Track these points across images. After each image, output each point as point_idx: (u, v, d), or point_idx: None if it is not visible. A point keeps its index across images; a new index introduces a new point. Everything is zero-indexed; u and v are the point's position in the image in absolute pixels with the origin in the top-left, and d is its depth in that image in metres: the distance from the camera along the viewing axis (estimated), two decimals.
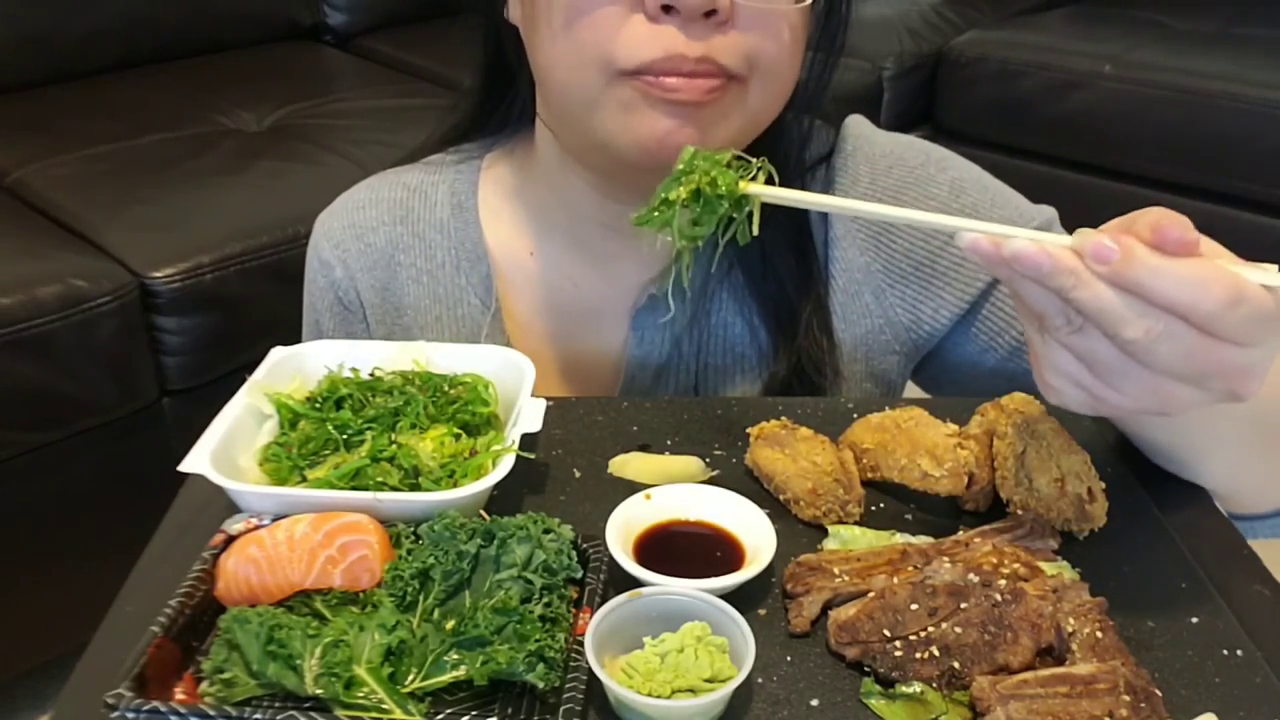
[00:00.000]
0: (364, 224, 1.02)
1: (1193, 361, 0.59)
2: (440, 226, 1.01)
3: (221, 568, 0.66)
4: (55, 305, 1.62)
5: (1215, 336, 0.58)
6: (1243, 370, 0.60)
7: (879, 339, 0.99)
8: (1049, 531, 0.73)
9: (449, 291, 1.01)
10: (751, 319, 0.97)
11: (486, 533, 0.66)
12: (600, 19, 0.77)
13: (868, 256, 0.97)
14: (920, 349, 1.01)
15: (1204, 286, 0.57)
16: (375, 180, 1.05)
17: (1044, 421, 0.77)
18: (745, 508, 0.73)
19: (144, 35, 2.52)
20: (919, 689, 0.61)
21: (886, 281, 0.97)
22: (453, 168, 1.04)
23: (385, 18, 2.90)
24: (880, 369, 1.00)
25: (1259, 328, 0.58)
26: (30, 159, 2.02)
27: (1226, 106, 2.42)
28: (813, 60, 0.89)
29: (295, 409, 0.78)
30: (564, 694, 0.58)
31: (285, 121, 2.28)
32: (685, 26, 0.76)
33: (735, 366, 0.98)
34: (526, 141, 1.01)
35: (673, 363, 0.98)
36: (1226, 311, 0.57)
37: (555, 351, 1.01)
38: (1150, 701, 0.58)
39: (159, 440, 1.79)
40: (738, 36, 0.78)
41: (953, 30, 2.90)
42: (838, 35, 0.90)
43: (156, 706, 0.57)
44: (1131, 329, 0.58)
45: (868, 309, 0.98)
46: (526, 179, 1.01)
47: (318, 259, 1.04)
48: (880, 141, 0.99)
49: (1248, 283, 0.58)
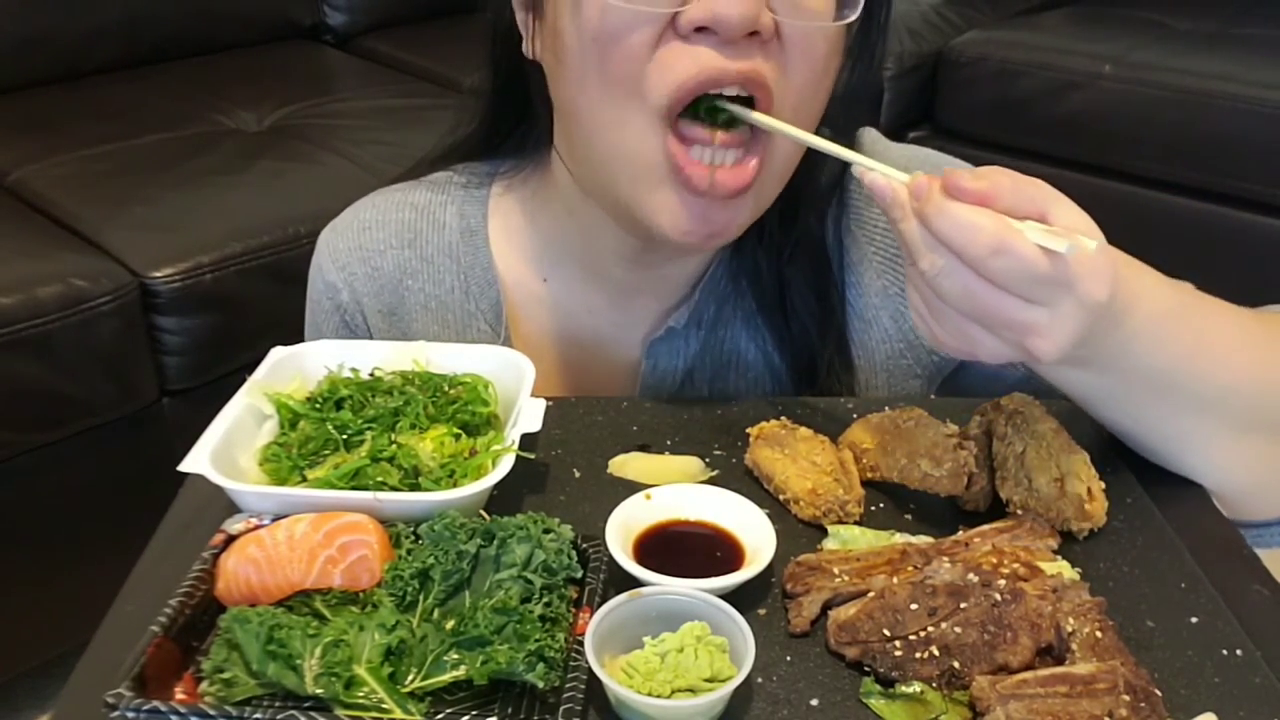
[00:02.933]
0: (371, 247, 0.99)
1: (974, 303, 0.65)
2: (449, 250, 0.99)
3: (221, 567, 0.66)
4: (55, 305, 1.62)
5: (992, 283, 0.64)
6: (1027, 327, 0.65)
7: (900, 363, 0.97)
8: (1049, 531, 0.73)
9: (458, 318, 0.99)
10: (765, 348, 0.96)
11: (486, 533, 0.66)
12: (632, 47, 0.74)
13: (885, 280, 0.95)
14: (942, 370, 0.99)
15: (972, 230, 0.63)
16: (380, 198, 1.02)
17: (1044, 421, 0.77)
18: (745, 508, 0.73)
19: (144, 35, 2.52)
20: (919, 689, 0.61)
21: (904, 303, 0.94)
22: (461, 189, 1.01)
23: (385, 18, 2.90)
24: (903, 391, 0.98)
25: (1033, 285, 0.64)
26: (30, 159, 2.02)
27: (1226, 106, 2.41)
28: (851, 70, 0.86)
29: (295, 409, 0.78)
30: (564, 694, 0.58)
31: (285, 121, 2.28)
32: (723, 47, 0.73)
33: (750, 395, 0.96)
34: (541, 168, 0.97)
35: (686, 392, 0.96)
36: (989, 258, 0.63)
37: (566, 379, 0.99)
38: (1150, 701, 0.58)
39: (159, 440, 1.79)
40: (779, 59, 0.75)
41: (953, 30, 2.90)
42: (876, 47, 0.87)
43: (157, 706, 0.57)
44: (923, 260, 0.66)
45: (886, 334, 0.96)
46: (542, 205, 0.98)
47: (323, 280, 1.01)
48: (894, 153, 0.97)
49: (1018, 237, 0.63)
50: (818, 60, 0.78)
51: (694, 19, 0.72)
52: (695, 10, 0.72)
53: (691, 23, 0.72)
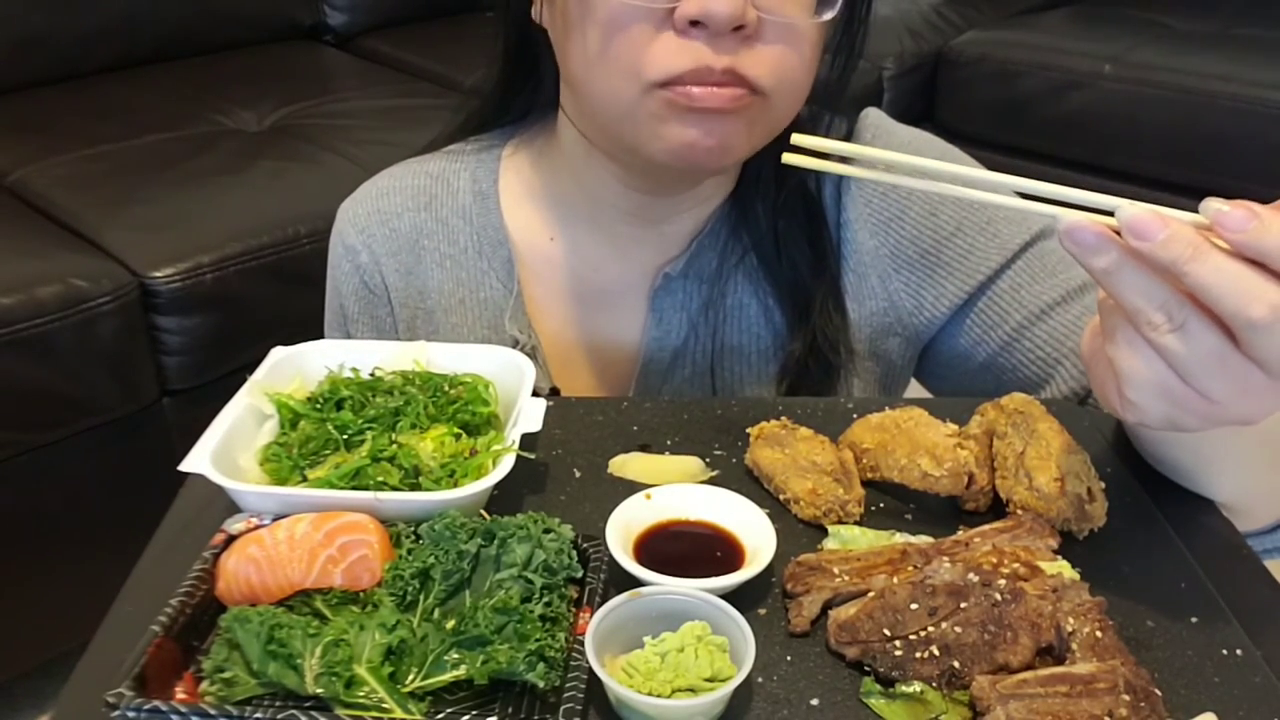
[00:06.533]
0: (388, 210, 1.05)
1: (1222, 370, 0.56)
2: (462, 212, 1.04)
3: (222, 567, 0.66)
4: (55, 305, 1.62)
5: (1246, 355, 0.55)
6: None
7: (883, 321, 1.01)
8: (1049, 531, 0.73)
9: (471, 275, 1.03)
10: (767, 301, 1.00)
11: (487, 532, 0.66)
12: (633, 36, 0.79)
13: (876, 240, 0.99)
14: (921, 336, 1.02)
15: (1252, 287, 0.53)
16: (398, 169, 1.08)
17: (1044, 421, 0.77)
18: (745, 508, 0.73)
19: (144, 35, 2.52)
20: (919, 688, 0.61)
21: (893, 266, 0.99)
22: (474, 156, 1.06)
23: (385, 18, 2.90)
24: (883, 349, 1.02)
25: None
26: (30, 159, 2.02)
27: (1226, 106, 2.42)
28: (831, 63, 0.92)
29: (296, 409, 0.78)
30: (564, 693, 0.58)
31: (285, 121, 2.28)
32: (712, 41, 0.78)
33: (751, 347, 1.00)
34: (548, 129, 1.03)
35: (690, 344, 1.00)
36: None
37: (575, 333, 1.03)
38: (1150, 701, 0.58)
39: (159, 440, 1.79)
40: (762, 50, 0.80)
41: (953, 30, 2.91)
42: (857, 40, 0.92)
43: (157, 706, 0.57)
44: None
45: (874, 291, 1.00)
46: (548, 166, 1.03)
47: (342, 244, 1.06)
48: (899, 133, 1.01)
49: None
50: (799, 54, 0.82)
51: (687, 13, 0.77)
52: (689, 5, 0.77)
53: (685, 17, 0.77)
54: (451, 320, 1.03)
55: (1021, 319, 0.95)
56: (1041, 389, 0.95)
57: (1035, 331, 0.95)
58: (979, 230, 0.96)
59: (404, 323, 1.05)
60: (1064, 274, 0.95)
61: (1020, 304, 0.95)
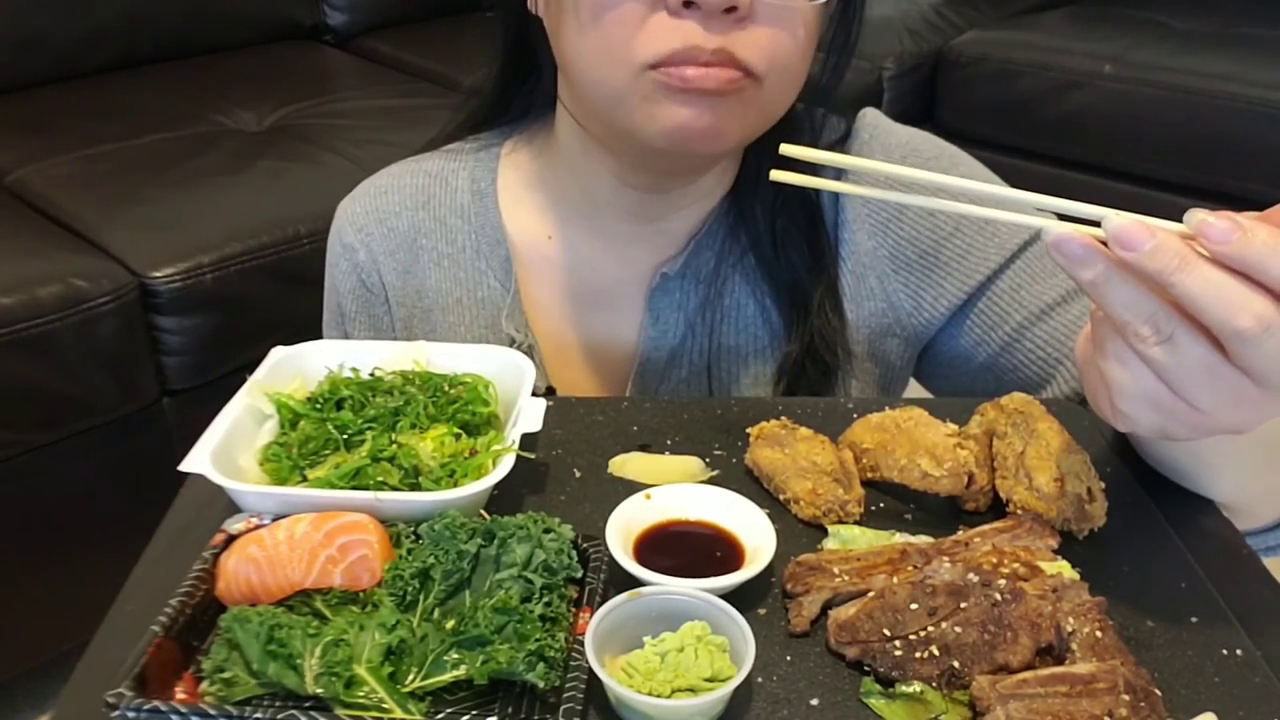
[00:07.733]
0: (386, 209, 1.05)
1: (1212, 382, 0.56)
2: (461, 211, 1.04)
3: (222, 567, 0.66)
4: (55, 305, 1.62)
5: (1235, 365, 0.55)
6: None
7: (881, 321, 1.01)
8: (1049, 531, 0.73)
9: (469, 275, 1.03)
10: (764, 301, 1.00)
11: (486, 532, 0.66)
12: (625, 15, 0.79)
13: (875, 241, 0.99)
14: (920, 337, 1.02)
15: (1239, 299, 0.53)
16: (396, 168, 1.08)
17: (1044, 421, 0.77)
18: (745, 508, 0.73)
19: (144, 35, 2.52)
20: (919, 688, 0.61)
21: (891, 267, 0.99)
22: (472, 155, 1.06)
23: (385, 18, 2.90)
24: (881, 350, 1.02)
25: None
26: (30, 159, 2.02)
27: (1226, 106, 2.42)
28: (825, 58, 0.92)
29: (295, 409, 0.78)
30: (564, 693, 0.58)
31: (285, 121, 2.28)
32: (705, 21, 0.78)
33: (749, 347, 1.00)
34: (546, 128, 1.03)
35: (687, 344, 1.00)
36: None
37: (572, 332, 1.03)
38: (1150, 701, 0.58)
39: (159, 440, 1.79)
40: (755, 32, 0.79)
41: (953, 30, 2.90)
42: (851, 33, 0.92)
43: (157, 706, 0.57)
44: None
45: (872, 291, 1.00)
46: (546, 165, 1.03)
47: (340, 243, 1.06)
48: (897, 133, 1.01)
49: None
50: (793, 39, 0.82)
51: None
52: None
53: None
54: (449, 319, 1.03)
55: (1022, 319, 0.95)
56: (1042, 389, 0.95)
57: (1036, 332, 0.95)
58: (978, 230, 0.96)
59: (401, 321, 1.05)
60: (1064, 274, 0.95)
61: (1020, 304, 0.95)
